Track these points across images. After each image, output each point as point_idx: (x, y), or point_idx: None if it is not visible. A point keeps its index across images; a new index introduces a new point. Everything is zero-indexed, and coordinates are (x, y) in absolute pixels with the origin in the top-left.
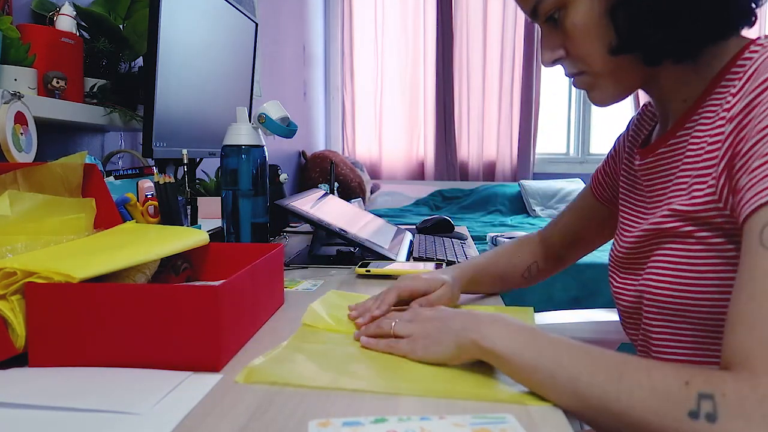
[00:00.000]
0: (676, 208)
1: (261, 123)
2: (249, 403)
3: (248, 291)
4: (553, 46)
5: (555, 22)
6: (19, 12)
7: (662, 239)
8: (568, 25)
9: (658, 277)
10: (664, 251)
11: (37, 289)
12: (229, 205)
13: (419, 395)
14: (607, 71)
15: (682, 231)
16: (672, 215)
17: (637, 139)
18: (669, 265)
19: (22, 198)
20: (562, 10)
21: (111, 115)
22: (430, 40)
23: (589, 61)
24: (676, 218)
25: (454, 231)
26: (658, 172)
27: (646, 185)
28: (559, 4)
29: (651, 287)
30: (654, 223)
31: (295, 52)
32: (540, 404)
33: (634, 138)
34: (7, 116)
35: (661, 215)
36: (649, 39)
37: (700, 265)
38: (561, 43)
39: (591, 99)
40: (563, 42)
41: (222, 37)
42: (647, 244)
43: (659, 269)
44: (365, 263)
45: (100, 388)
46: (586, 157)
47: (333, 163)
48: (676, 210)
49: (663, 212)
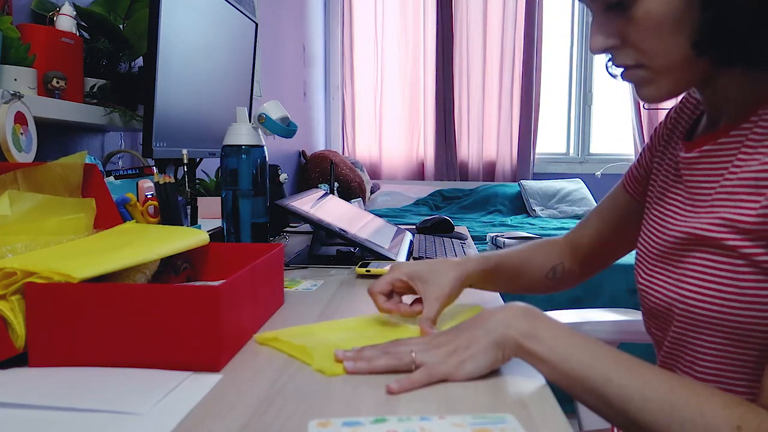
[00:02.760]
0: (726, 217)
1: (261, 123)
2: (249, 403)
3: (248, 291)
4: (608, 32)
5: (620, 5)
6: (19, 12)
7: (704, 246)
8: (639, 13)
9: (697, 288)
10: (705, 261)
11: (37, 289)
12: (229, 205)
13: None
14: (671, 68)
15: (727, 244)
16: (720, 225)
17: (677, 129)
18: (709, 277)
19: (22, 198)
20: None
21: (111, 115)
22: (430, 40)
23: (654, 55)
24: (724, 229)
25: (454, 231)
26: (702, 170)
27: (688, 181)
28: None
29: (687, 297)
30: (698, 229)
31: (295, 52)
32: (540, 404)
33: (673, 128)
34: (7, 116)
35: (708, 222)
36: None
37: (742, 280)
38: (619, 30)
39: (641, 94)
40: (623, 30)
41: (222, 37)
42: (685, 247)
43: (698, 279)
44: (365, 263)
45: (100, 388)
46: (586, 157)
47: (333, 163)
48: (725, 219)
49: (710, 219)
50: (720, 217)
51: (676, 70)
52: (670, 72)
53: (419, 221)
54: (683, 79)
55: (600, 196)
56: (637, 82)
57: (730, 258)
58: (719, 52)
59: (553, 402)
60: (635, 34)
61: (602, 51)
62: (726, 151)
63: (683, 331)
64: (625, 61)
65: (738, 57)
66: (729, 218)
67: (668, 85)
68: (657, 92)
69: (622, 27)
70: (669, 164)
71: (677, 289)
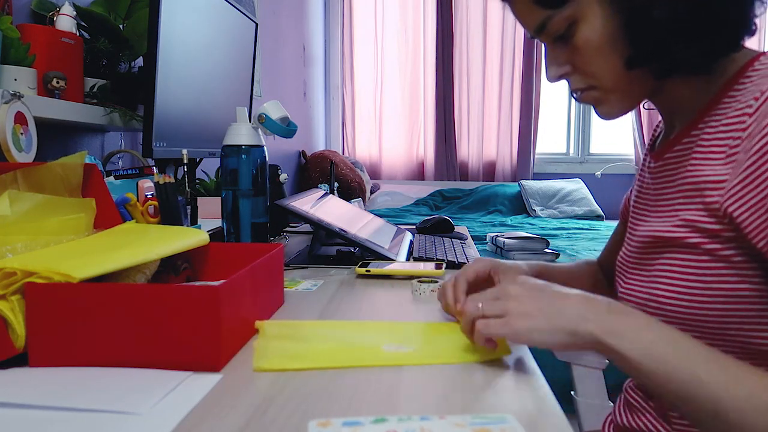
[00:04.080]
0: (685, 218)
1: (261, 123)
2: (249, 403)
3: (248, 291)
4: (560, 62)
5: (563, 38)
6: (19, 12)
7: (670, 247)
8: (579, 41)
9: (665, 286)
10: (671, 260)
11: (37, 289)
12: (229, 205)
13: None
14: (617, 86)
15: (690, 242)
16: (681, 226)
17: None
18: (675, 275)
19: (22, 198)
20: (572, 26)
21: (111, 115)
22: (430, 40)
23: (600, 76)
24: (685, 229)
25: (454, 231)
26: (664, 176)
27: (654, 189)
28: (570, 21)
29: (657, 295)
30: (663, 231)
31: (295, 52)
32: (540, 404)
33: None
34: (7, 116)
35: (671, 225)
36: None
37: (708, 275)
38: (568, 58)
39: (600, 113)
40: (571, 57)
41: (222, 37)
42: (653, 251)
43: (665, 278)
44: (365, 263)
45: (100, 388)
46: (586, 157)
47: (333, 163)
48: (684, 220)
49: (672, 221)
50: (680, 219)
51: (622, 86)
52: (618, 89)
53: (419, 221)
54: (632, 93)
55: (600, 196)
56: (593, 102)
57: (695, 255)
58: (652, 65)
59: (553, 402)
60: (580, 59)
61: (558, 78)
62: (680, 158)
63: None
64: (578, 85)
65: (670, 67)
66: (687, 218)
67: (619, 101)
68: (611, 109)
69: (570, 55)
70: (643, 177)
71: (649, 290)
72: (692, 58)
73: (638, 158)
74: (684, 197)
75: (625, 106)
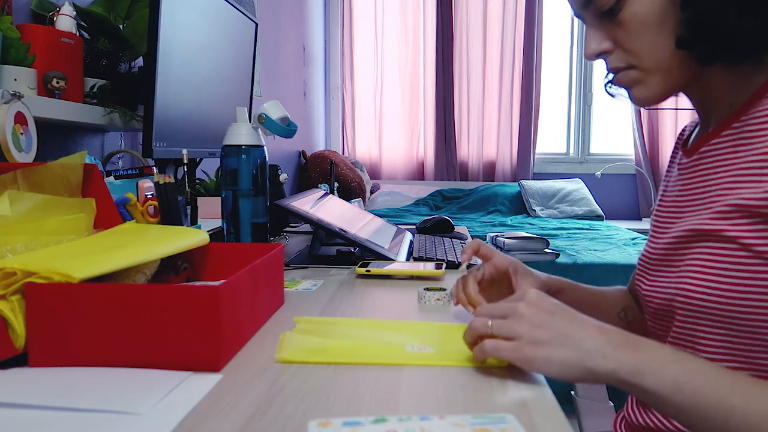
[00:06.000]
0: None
1: (261, 123)
2: (249, 403)
3: (248, 291)
4: (601, 38)
5: (609, 13)
6: (19, 12)
7: (703, 240)
8: (627, 15)
9: (695, 280)
10: (703, 253)
11: (37, 289)
12: (229, 205)
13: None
14: (659, 66)
15: (726, 235)
16: (719, 217)
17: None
18: (707, 268)
19: (22, 198)
20: (621, 1)
21: (111, 115)
22: (430, 40)
23: (643, 55)
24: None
25: (454, 231)
26: (699, 171)
27: (686, 183)
28: None
29: (687, 290)
30: (697, 224)
31: (295, 52)
32: (540, 404)
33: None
34: (7, 116)
35: (708, 217)
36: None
37: (741, 270)
38: (610, 35)
39: (633, 96)
40: (614, 34)
41: (222, 37)
42: (684, 245)
43: (696, 271)
44: (365, 263)
45: (100, 388)
46: (586, 157)
47: (333, 163)
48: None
49: (708, 213)
50: (718, 211)
51: (664, 69)
52: (658, 71)
53: (419, 221)
54: (672, 78)
55: (600, 196)
56: (629, 83)
57: (729, 248)
58: (701, 48)
59: (553, 402)
60: (624, 36)
61: (596, 55)
62: (720, 150)
63: (684, 326)
64: (617, 63)
65: (719, 53)
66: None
67: (658, 85)
68: (647, 92)
69: (613, 31)
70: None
71: (677, 284)
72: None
73: (638, 158)
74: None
75: (662, 90)
